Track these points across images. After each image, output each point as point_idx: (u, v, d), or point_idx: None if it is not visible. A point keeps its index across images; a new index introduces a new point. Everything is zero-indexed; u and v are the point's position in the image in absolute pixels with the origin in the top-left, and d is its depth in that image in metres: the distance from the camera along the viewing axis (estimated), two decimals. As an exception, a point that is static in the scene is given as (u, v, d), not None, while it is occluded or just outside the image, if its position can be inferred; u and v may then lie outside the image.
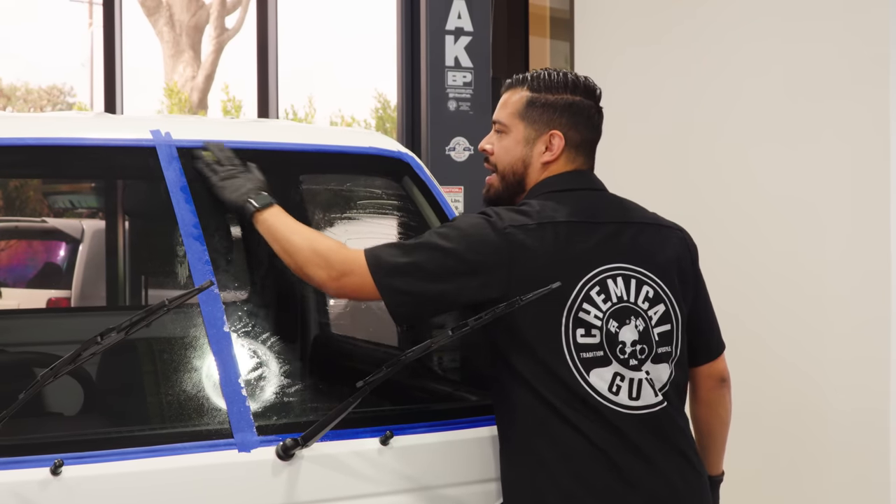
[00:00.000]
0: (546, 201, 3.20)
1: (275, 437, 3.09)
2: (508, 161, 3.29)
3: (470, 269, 3.08)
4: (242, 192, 3.29)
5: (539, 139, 3.26)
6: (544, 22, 7.99)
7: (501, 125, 3.30)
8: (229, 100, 19.60)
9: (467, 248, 3.08)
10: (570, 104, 3.27)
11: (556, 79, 3.29)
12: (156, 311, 2.80)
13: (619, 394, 3.11)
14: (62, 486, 2.86)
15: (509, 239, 3.09)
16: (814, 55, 5.25)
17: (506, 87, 3.34)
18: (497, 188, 3.33)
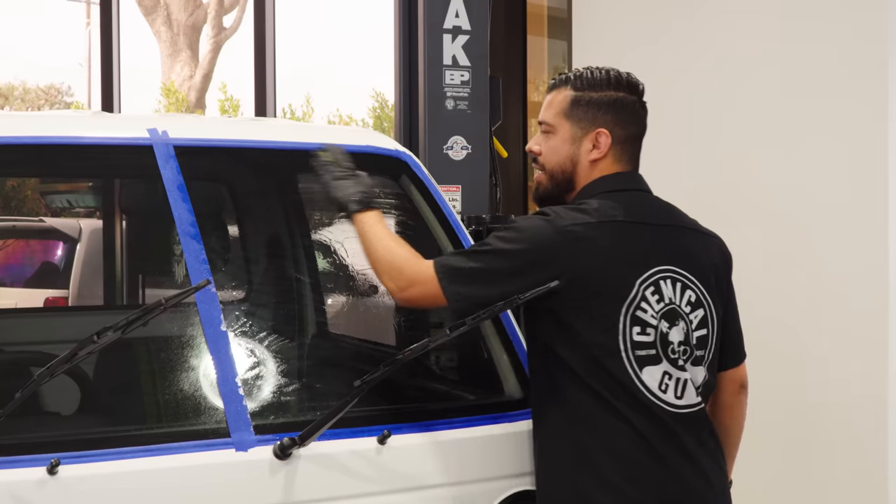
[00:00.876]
0: (603, 200, 3.24)
1: (272, 437, 3.09)
2: (557, 160, 3.31)
3: (533, 269, 3.11)
4: (349, 192, 3.33)
5: (586, 137, 3.29)
6: (542, 21, 7.99)
7: (547, 125, 3.33)
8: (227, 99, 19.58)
9: (529, 247, 3.12)
10: (615, 101, 3.31)
11: (600, 76, 3.33)
12: (152, 310, 2.80)
13: (667, 392, 3.17)
14: (59, 486, 2.86)
15: (571, 236, 3.13)
16: (811, 55, 5.24)
17: (549, 87, 3.38)
18: (545, 186, 3.35)
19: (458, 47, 5.18)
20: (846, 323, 5.08)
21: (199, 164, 3.55)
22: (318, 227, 4.45)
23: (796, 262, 5.25)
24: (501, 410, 3.46)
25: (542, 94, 8.10)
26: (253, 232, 4.43)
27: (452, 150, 5.13)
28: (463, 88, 5.17)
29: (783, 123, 5.34)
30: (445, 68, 5.14)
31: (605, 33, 6.22)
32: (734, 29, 5.60)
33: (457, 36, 5.15)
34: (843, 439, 5.10)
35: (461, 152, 5.13)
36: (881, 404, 4.95)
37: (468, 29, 5.15)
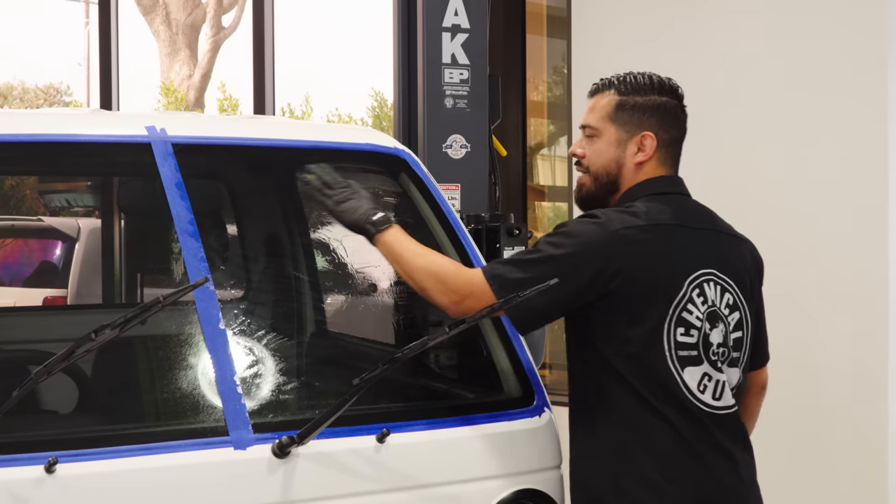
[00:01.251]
0: (650, 203, 3.27)
1: (271, 435, 3.08)
2: (602, 163, 3.34)
3: (586, 273, 3.13)
4: (360, 213, 3.32)
5: (631, 140, 3.32)
6: (541, 19, 7.98)
7: (592, 129, 3.35)
8: (226, 98, 19.57)
9: (583, 252, 3.14)
10: (659, 105, 3.34)
11: (644, 81, 3.36)
12: (150, 307, 2.79)
13: (705, 393, 3.21)
14: (57, 484, 2.85)
15: (624, 239, 3.17)
16: (812, 52, 5.24)
17: (591, 91, 3.41)
18: (589, 188, 3.38)
19: (458, 46, 5.17)
20: (846, 317, 5.08)
21: (197, 161, 3.54)
22: (316, 225, 4.44)
23: (797, 257, 5.25)
24: (501, 409, 3.45)
25: (542, 93, 8.14)
26: (251, 230, 4.42)
27: (452, 148, 5.12)
28: (462, 87, 5.16)
29: (785, 120, 5.34)
30: (444, 67, 5.13)
31: (604, 32, 6.22)
32: (735, 27, 5.59)
33: (456, 34, 5.14)
34: (844, 434, 5.09)
35: (460, 151, 5.12)
36: (881, 399, 4.95)
37: (467, 27, 5.14)
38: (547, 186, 8.22)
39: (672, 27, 5.86)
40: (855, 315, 5.05)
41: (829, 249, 5.12)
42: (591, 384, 3.25)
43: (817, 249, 5.18)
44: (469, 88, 5.18)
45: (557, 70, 7.97)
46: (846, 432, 5.09)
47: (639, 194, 3.31)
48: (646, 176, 3.34)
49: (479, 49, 5.20)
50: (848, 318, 5.07)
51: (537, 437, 3.47)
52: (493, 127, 5.30)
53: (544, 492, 3.45)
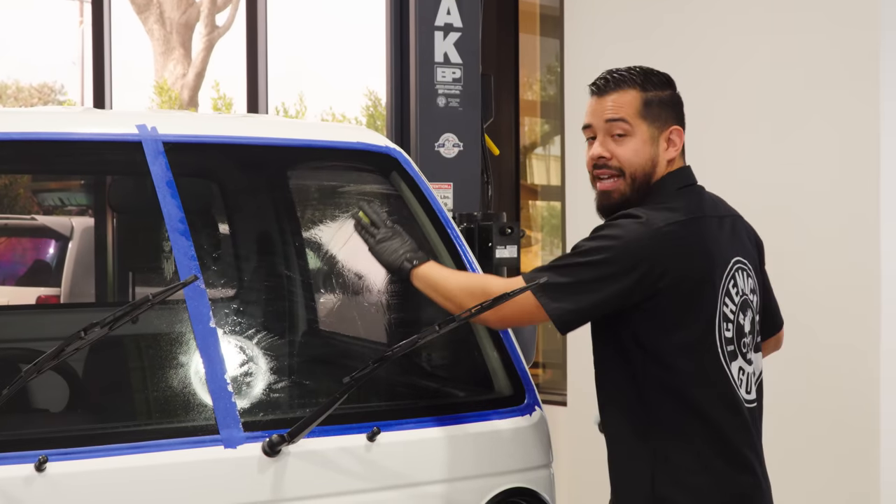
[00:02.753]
0: (683, 197, 3.24)
1: (261, 434, 3.08)
2: (639, 162, 3.23)
3: (634, 273, 3.08)
4: (399, 254, 3.35)
5: (661, 136, 3.26)
6: (534, 18, 7.97)
7: (624, 124, 3.23)
8: (220, 97, 19.57)
9: (628, 253, 3.08)
10: (675, 99, 3.33)
11: (657, 74, 3.33)
12: (139, 306, 2.79)
13: (741, 388, 3.22)
14: (47, 483, 2.85)
15: (669, 237, 3.11)
16: (802, 47, 5.23)
17: (604, 88, 3.29)
18: (624, 192, 3.24)
19: (450, 45, 5.17)
20: (839, 310, 5.07)
21: (188, 160, 3.54)
22: (308, 224, 4.44)
23: (789, 251, 5.24)
24: (491, 408, 3.45)
25: (535, 91, 8.14)
26: (243, 229, 4.42)
27: (444, 147, 5.12)
28: (454, 86, 5.16)
29: (775, 115, 5.33)
30: (437, 66, 5.14)
31: (597, 31, 6.21)
32: (724, 23, 5.59)
33: (448, 33, 5.15)
34: (836, 427, 5.09)
35: (453, 150, 5.12)
36: (874, 392, 4.95)
37: (460, 26, 5.15)
38: (540, 185, 8.22)
39: (663, 25, 5.86)
40: (847, 308, 5.05)
41: (821, 243, 5.12)
42: (631, 386, 3.18)
43: (809, 244, 5.18)
44: (461, 87, 5.18)
45: (551, 69, 7.97)
46: (839, 426, 5.09)
47: (668, 188, 3.24)
48: (671, 169, 3.29)
49: (471, 48, 5.20)
50: (840, 312, 5.07)
51: (528, 436, 3.47)
52: (485, 126, 5.30)
53: (535, 490, 3.45)
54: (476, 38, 5.22)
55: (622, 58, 6.06)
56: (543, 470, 3.50)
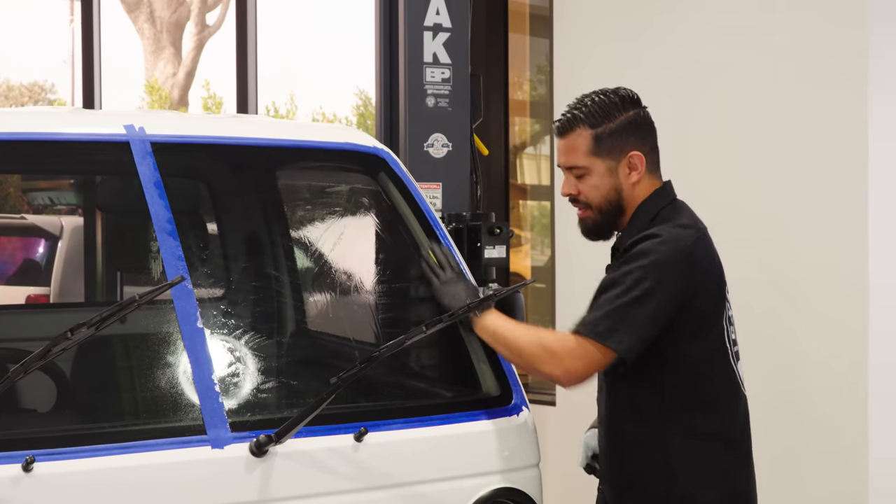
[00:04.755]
0: (678, 212, 3.37)
1: (248, 434, 3.09)
2: (602, 195, 3.37)
3: (676, 293, 3.21)
4: (462, 300, 3.39)
5: (619, 165, 3.35)
6: (524, 18, 7.98)
7: (579, 168, 3.36)
8: (210, 97, 19.54)
9: (668, 277, 3.20)
10: (631, 122, 3.37)
11: (608, 103, 3.37)
12: (126, 306, 2.79)
13: (742, 385, 3.39)
14: (34, 483, 2.85)
15: (693, 255, 3.26)
16: (792, 46, 5.24)
17: (560, 130, 3.40)
18: (595, 219, 3.40)
19: (439, 44, 5.17)
20: (826, 316, 5.08)
21: (176, 160, 3.54)
22: (296, 225, 4.44)
23: (777, 253, 5.25)
24: (479, 408, 3.46)
25: (525, 91, 8.14)
26: (231, 229, 4.42)
27: (433, 147, 5.12)
28: (444, 86, 5.16)
29: (763, 117, 5.34)
30: (426, 66, 5.13)
31: (586, 30, 6.22)
32: (714, 23, 5.59)
33: (437, 33, 5.14)
34: (824, 435, 5.10)
35: (442, 150, 5.12)
36: (861, 399, 4.95)
37: (449, 26, 5.14)
38: (529, 185, 8.23)
39: (654, 25, 5.87)
40: (834, 314, 5.06)
41: (810, 246, 5.13)
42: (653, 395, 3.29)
43: (797, 245, 5.18)
44: (451, 87, 5.18)
45: (540, 69, 7.97)
46: (826, 433, 5.09)
47: (655, 207, 3.37)
48: (644, 189, 3.39)
49: (460, 48, 5.20)
50: (827, 318, 5.08)
51: (515, 436, 3.48)
52: (474, 126, 5.30)
53: (523, 490, 3.46)
54: (465, 38, 5.22)
55: (612, 58, 6.09)
56: (531, 470, 3.51)
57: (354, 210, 4.21)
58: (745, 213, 5.39)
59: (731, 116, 5.50)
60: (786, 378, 5.20)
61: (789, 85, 5.25)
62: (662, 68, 5.82)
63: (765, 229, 5.30)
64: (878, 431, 4.95)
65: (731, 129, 5.49)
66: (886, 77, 4.98)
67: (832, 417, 5.07)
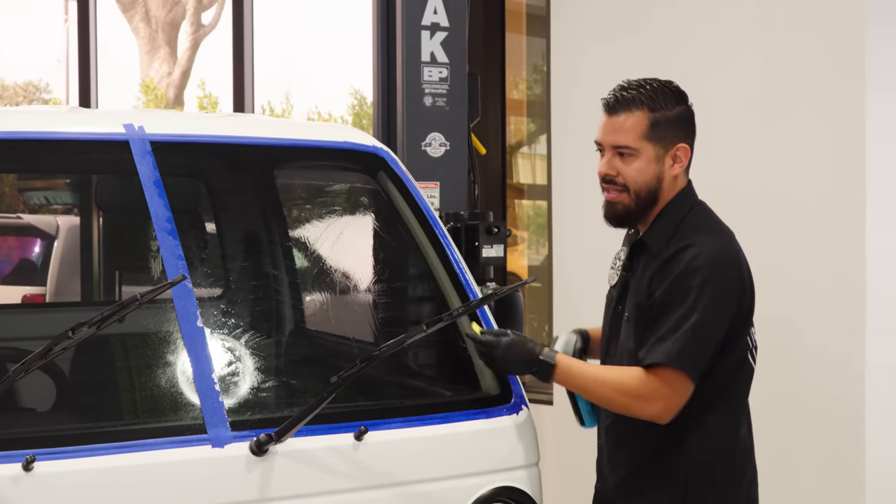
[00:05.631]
0: (708, 214, 3.40)
1: (249, 433, 3.08)
2: (644, 181, 3.32)
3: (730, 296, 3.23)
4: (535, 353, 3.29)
5: (667, 154, 3.33)
6: (520, 18, 7.98)
7: (629, 149, 3.31)
8: (205, 96, 19.52)
9: (726, 289, 3.22)
10: (683, 115, 3.37)
11: (668, 92, 3.36)
12: (127, 305, 2.79)
13: None
14: (34, 482, 2.85)
15: (739, 260, 3.29)
16: (790, 43, 5.23)
17: (613, 107, 3.35)
18: (628, 206, 3.34)
19: (437, 44, 5.17)
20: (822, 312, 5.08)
21: (175, 159, 3.54)
22: (295, 224, 4.44)
23: (774, 251, 5.25)
24: (478, 407, 3.46)
25: (521, 91, 8.14)
26: (230, 228, 4.42)
27: (431, 146, 5.13)
28: (441, 85, 5.17)
29: (761, 113, 5.34)
30: (424, 65, 5.14)
31: (583, 30, 6.22)
32: (713, 19, 5.59)
33: (435, 32, 5.15)
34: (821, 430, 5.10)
35: (439, 149, 5.13)
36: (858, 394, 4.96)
37: (446, 25, 5.15)
38: (526, 185, 8.23)
39: (651, 22, 5.87)
40: (831, 313, 5.06)
41: (807, 243, 5.13)
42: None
43: (794, 243, 5.19)
44: (448, 86, 5.19)
45: (537, 68, 7.98)
46: (823, 433, 5.10)
47: (685, 205, 3.37)
48: (680, 184, 3.38)
49: (458, 47, 5.21)
50: (825, 317, 5.08)
51: (515, 435, 3.48)
52: (472, 125, 5.31)
53: (522, 489, 3.46)
54: (462, 38, 5.23)
55: (608, 56, 6.09)
56: (531, 468, 3.51)
57: (354, 209, 4.21)
58: (741, 210, 5.38)
59: (728, 114, 5.49)
60: (782, 378, 5.19)
61: (786, 82, 5.25)
62: (659, 67, 5.81)
63: (762, 227, 5.30)
64: (875, 434, 4.96)
65: (728, 127, 5.48)
66: (883, 75, 4.98)
67: (829, 418, 5.07)
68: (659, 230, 3.33)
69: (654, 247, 3.31)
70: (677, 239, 3.28)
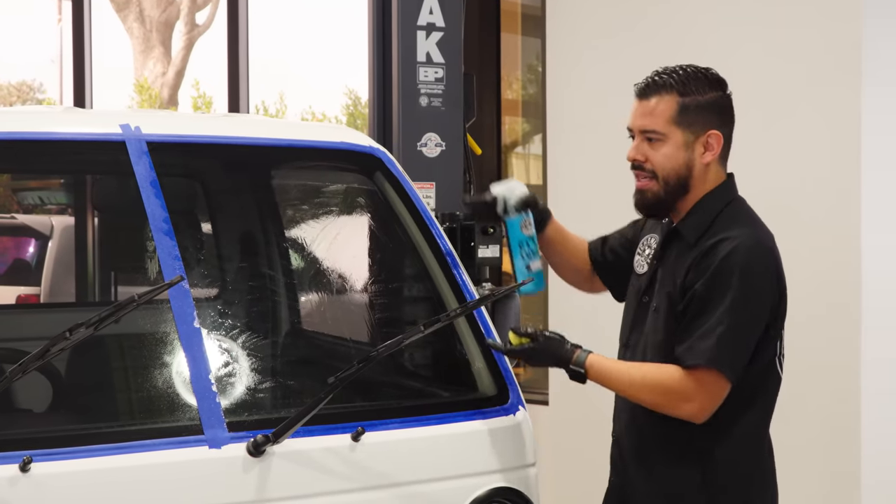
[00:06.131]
0: (747, 208, 3.36)
1: (246, 434, 3.08)
2: (672, 167, 3.28)
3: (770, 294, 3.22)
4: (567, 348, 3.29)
5: (697, 141, 3.29)
6: (516, 18, 7.98)
7: (657, 134, 3.28)
8: (200, 96, 19.53)
9: (764, 292, 3.20)
10: (716, 101, 3.32)
11: (700, 77, 3.32)
12: (124, 306, 2.79)
13: None
14: (31, 483, 2.84)
15: (775, 255, 3.27)
16: (786, 40, 5.24)
17: (645, 92, 3.32)
18: (657, 193, 3.31)
19: (432, 44, 5.17)
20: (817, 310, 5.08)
21: (172, 160, 3.54)
22: (292, 224, 4.44)
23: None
24: (475, 407, 3.46)
25: (516, 91, 8.14)
26: (227, 228, 4.42)
27: (426, 147, 5.12)
28: (437, 85, 5.16)
29: (758, 108, 5.34)
30: (419, 65, 5.13)
31: (579, 30, 6.22)
32: (707, 18, 5.59)
33: (431, 33, 5.14)
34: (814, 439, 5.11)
35: (435, 149, 5.12)
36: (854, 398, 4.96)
37: (442, 26, 5.14)
38: (522, 185, 8.22)
39: (646, 22, 5.87)
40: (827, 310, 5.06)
41: (803, 240, 5.12)
42: None
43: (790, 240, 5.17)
44: (444, 87, 5.18)
45: (532, 68, 7.98)
46: (819, 430, 5.10)
47: (725, 198, 3.33)
48: (714, 174, 3.33)
49: (453, 47, 5.20)
50: (820, 315, 5.08)
51: (512, 436, 3.47)
52: (467, 125, 5.30)
53: (519, 490, 3.45)
54: (458, 38, 5.22)
55: (604, 56, 6.08)
56: (528, 469, 3.50)
57: (351, 210, 4.21)
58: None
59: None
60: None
61: (783, 79, 5.25)
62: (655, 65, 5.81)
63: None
64: (870, 429, 4.96)
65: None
66: (880, 69, 4.98)
67: (825, 414, 5.08)
68: (696, 220, 3.29)
69: (689, 236, 3.28)
70: (715, 231, 3.24)
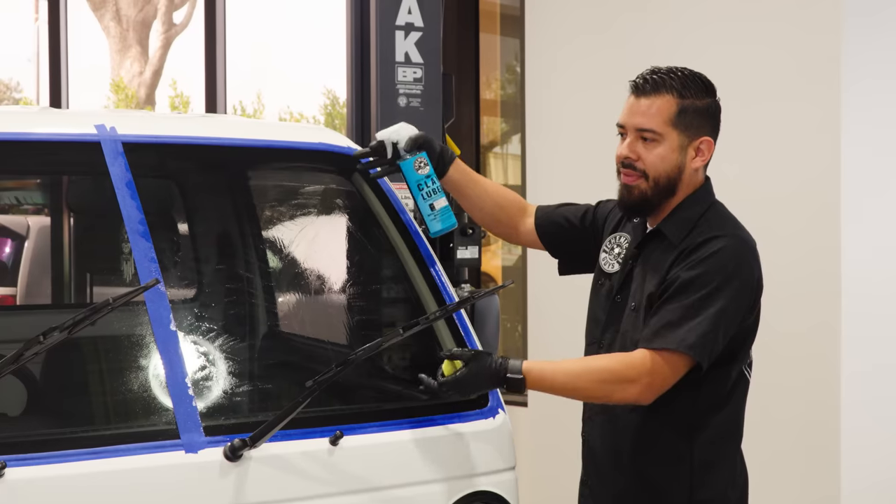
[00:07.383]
0: (727, 210, 3.35)
1: (222, 438, 3.05)
2: (664, 169, 3.25)
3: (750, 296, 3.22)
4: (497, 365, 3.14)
5: (690, 145, 3.26)
6: (495, 18, 7.97)
7: (654, 134, 3.24)
8: (177, 95, 19.46)
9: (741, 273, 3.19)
10: (710, 108, 3.30)
11: (698, 82, 3.29)
12: (99, 309, 2.76)
13: None
14: (5, 488, 2.81)
15: (755, 254, 3.26)
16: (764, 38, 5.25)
17: (643, 90, 3.28)
18: (645, 192, 3.26)
19: (411, 44, 5.16)
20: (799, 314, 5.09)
21: (147, 161, 3.50)
22: (269, 225, 4.41)
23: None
24: (455, 411, 3.44)
25: (495, 91, 8.13)
26: (203, 230, 4.39)
27: (405, 147, 5.09)
28: (415, 85, 5.15)
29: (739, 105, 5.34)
30: (398, 65, 5.13)
31: (558, 30, 6.21)
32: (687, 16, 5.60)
33: (409, 33, 5.14)
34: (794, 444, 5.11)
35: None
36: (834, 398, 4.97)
37: (421, 26, 5.14)
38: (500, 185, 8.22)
39: (624, 24, 5.87)
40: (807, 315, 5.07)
41: (782, 250, 5.13)
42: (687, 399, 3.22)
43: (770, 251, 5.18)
44: (422, 87, 5.17)
45: (510, 68, 7.97)
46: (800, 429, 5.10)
47: (706, 200, 3.32)
48: (699, 177, 3.33)
49: (432, 47, 5.20)
50: (801, 316, 5.09)
51: (492, 439, 3.46)
52: (446, 125, 5.29)
53: (499, 494, 3.44)
54: (437, 38, 5.21)
55: (583, 54, 6.08)
56: (508, 473, 3.49)
57: (328, 211, 4.18)
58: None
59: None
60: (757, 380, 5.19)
61: (761, 75, 5.25)
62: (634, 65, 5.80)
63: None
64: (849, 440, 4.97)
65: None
66: (860, 65, 4.99)
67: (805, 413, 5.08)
68: (679, 221, 3.27)
69: (674, 237, 3.25)
70: (701, 231, 3.23)
